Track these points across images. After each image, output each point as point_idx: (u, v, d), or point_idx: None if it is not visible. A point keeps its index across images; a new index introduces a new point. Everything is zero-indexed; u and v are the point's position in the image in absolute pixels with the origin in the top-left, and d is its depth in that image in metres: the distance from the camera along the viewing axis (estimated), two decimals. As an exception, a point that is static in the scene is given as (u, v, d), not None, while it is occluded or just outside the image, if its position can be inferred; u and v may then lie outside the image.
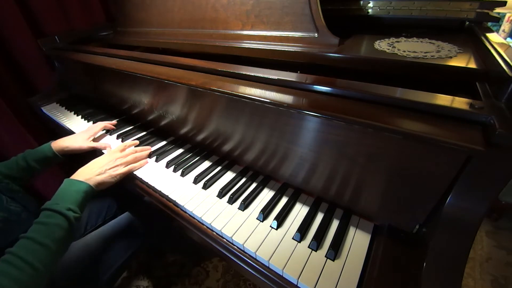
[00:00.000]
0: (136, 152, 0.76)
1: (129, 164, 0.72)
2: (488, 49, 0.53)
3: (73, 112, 1.10)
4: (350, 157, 0.48)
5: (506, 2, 0.69)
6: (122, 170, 0.69)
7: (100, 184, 0.64)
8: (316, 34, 0.65)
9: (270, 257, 0.48)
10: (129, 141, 0.84)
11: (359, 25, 0.84)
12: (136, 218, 0.79)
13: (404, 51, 0.59)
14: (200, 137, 0.76)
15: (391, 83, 0.47)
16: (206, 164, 0.74)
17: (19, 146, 1.07)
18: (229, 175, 0.70)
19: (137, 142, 0.83)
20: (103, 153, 0.83)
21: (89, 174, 0.63)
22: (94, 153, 0.86)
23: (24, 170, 0.74)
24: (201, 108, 0.69)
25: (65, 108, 1.15)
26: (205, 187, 0.65)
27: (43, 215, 0.52)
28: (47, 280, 0.48)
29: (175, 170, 0.71)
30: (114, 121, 0.96)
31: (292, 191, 0.63)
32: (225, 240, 0.55)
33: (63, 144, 0.80)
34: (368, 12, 0.85)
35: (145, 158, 0.77)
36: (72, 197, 0.57)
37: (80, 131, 0.91)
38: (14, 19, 1.04)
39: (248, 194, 0.61)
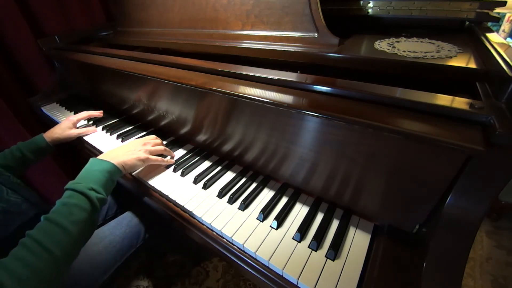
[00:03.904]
0: (165, 150, 0.75)
1: (158, 155, 0.71)
2: (488, 49, 0.53)
3: (73, 112, 1.10)
4: (350, 157, 0.48)
5: (506, 2, 0.69)
6: (151, 157, 0.68)
7: (126, 165, 0.62)
8: (316, 34, 0.65)
9: (270, 257, 0.48)
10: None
11: (359, 25, 0.85)
12: (137, 218, 0.79)
13: (404, 51, 0.59)
14: (200, 137, 0.76)
15: (391, 83, 0.47)
16: (206, 164, 0.74)
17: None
18: (229, 175, 0.70)
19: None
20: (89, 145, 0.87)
21: (115, 154, 0.63)
22: (83, 143, 0.91)
23: (19, 161, 0.78)
24: (201, 108, 0.69)
25: (65, 108, 1.15)
26: (205, 187, 0.65)
27: (65, 195, 0.50)
28: (68, 269, 0.46)
29: (175, 170, 0.71)
30: (100, 111, 0.98)
31: (292, 191, 0.63)
32: (225, 240, 0.55)
33: (54, 135, 0.86)
34: (368, 12, 0.85)
35: (172, 158, 0.76)
36: (95, 176, 0.54)
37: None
38: (14, 19, 1.04)
39: (248, 194, 0.62)
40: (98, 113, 0.96)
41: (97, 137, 0.91)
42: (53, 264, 0.42)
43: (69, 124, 0.89)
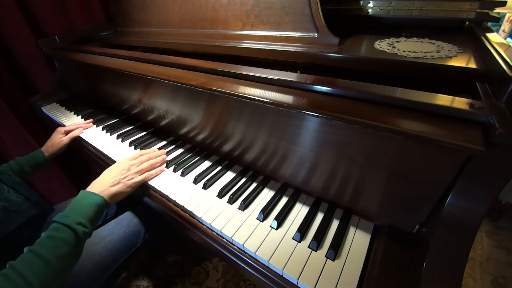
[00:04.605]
0: (150, 159, 0.72)
1: (145, 172, 0.68)
2: (488, 49, 0.53)
3: (73, 112, 1.11)
4: (350, 157, 0.48)
5: (506, 2, 0.69)
6: (137, 178, 0.66)
7: (115, 196, 0.61)
8: (316, 34, 0.65)
9: (270, 257, 0.48)
10: (145, 150, 0.77)
11: (359, 25, 0.85)
12: (136, 218, 0.79)
13: (404, 51, 0.59)
14: (200, 137, 0.76)
15: (391, 83, 0.47)
16: (206, 164, 0.74)
17: (20, 147, 1.07)
18: (229, 175, 0.70)
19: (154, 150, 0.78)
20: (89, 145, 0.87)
21: (103, 185, 0.61)
22: (83, 144, 0.91)
23: (17, 174, 0.78)
24: (201, 108, 0.69)
25: (65, 108, 1.15)
26: (205, 187, 0.65)
27: (51, 228, 0.51)
28: None
29: (175, 170, 0.71)
30: (90, 120, 1.01)
31: (292, 191, 0.63)
32: (225, 240, 0.55)
33: (49, 149, 0.90)
34: (368, 12, 0.85)
35: (162, 164, 0.73)
36: (84, 210, 0.55)
37: (81, 132, 0.96)
38: (14, 19, 1.04)
39: (248, 194, 0.61)
40: (87, 124, 0.98)
41: (97, 137, 0.91)
42: None
43: (58, 135, 0.93)
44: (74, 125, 0.97)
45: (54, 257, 0.47)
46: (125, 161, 0.69)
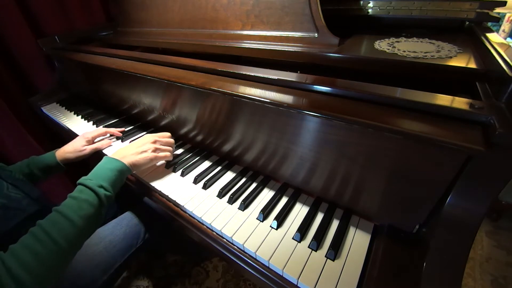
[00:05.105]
0: (171, 145, 0.74)
1: (166, 152, 0.71)
2: (488, 49, 0.53)
3: (73, 112, 1.11)
4: (350, 157, 0.48)
5: (506, 2, 0.69)
6: (159, 154, 0.69)
7: (135, 165, 0.64)
8: (316, 34, 0.65)
9: (270, 257, 0.48)
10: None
11: (359, 25, 0.85)
12: (136, 218, 0.79)
13: (404, 51, 0.59)
14: (200, 137, 0.76)
15: (391, 83, 0.47)
16: (206, 164, 0.74)
17: (20, 147, 1.07)
18: (229, 175, 0.70)
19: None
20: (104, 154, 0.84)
21: (126, 153, 0.65)
22: (99, 156, 0.85)
23: (27, 177, 0.75)
24: (201, 108, 0.69)
25: (65, 108, 1.15)
26: (205, 187, 0.65)
27: (76, 190, 0.53)
28: (71, 260, 0.49)
29: (175, 170, 0.71)
30: (121, 129, 0.91)
31: (292, 191, 0.63)
32: (225, 240, 0.55)
33: (66, 155, 0.81)
34: (368, 12, 0.85)
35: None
36: (106, 174, 0.58)
37: (82, 132, 0.88)
38: (14, 19, 1.04)
39: (248, 194, 0.61)
40: (117, 132, 0.89)
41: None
42: (58, 255, 0.45)
43: (82, 142, 0.83)
44: (101, 129, 0.87)
45: (78, 217, 0.49)
46: (151, 135, 0.72)
